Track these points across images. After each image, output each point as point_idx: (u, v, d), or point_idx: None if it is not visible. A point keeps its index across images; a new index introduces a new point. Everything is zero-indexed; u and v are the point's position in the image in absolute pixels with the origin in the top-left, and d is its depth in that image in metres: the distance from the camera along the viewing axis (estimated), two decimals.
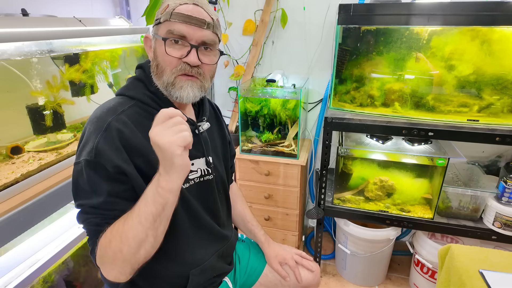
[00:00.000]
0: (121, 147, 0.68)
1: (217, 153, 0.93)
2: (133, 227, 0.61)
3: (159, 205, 0.61)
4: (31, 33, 1.03)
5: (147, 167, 0.71)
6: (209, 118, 0.92)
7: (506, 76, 1.25)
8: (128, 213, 0.65)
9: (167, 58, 0.72)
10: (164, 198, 0.61)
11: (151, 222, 0.61)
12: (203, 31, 0.72)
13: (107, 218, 0.67)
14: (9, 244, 0.99)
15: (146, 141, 0.70)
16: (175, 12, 0.70)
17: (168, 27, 0.71)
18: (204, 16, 0.72)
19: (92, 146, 0.66)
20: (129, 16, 1.89)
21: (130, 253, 0.62)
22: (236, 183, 1.15)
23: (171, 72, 0.73)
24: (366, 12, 1.31)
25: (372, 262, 1.66)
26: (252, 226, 1.07)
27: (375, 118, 1.39)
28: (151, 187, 0.63)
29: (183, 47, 0.72)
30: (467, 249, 0.97)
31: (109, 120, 0.69)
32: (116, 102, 0.75)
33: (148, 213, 0.61)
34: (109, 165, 0.66)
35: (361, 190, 1.58)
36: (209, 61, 0.76)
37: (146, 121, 0.73)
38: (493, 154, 1.68)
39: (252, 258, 1.04)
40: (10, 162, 1.04)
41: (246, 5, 1.82)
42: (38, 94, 1.10)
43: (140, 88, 0.78)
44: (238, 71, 1.89)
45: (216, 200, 0.90)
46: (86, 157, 0.66)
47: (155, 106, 0.76)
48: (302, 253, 1.06)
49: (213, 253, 0.89)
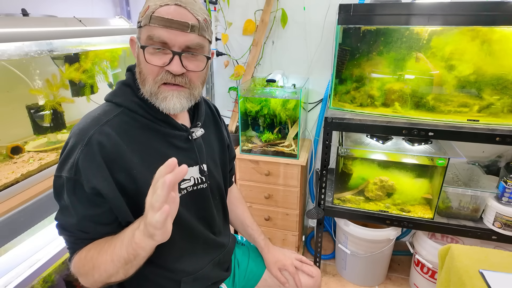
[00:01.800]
0: (102, 163, 0.65)
1: (214, 158, 0.89)
2: (105, 262, 0.62)
3: (131, 254, 0.60)
4: (31, 33, 1.03)
5: (129, 182, 0.68)
6: (206, 122, 0.88)
7: (506, 76, 1.25)
8: (105, 243, 0.65)
9: (148, 66, 0.67)
10: (136, 251, 0.59)
11: (123, 264, 0.61)
12: (186, 35, 0.65)
13: (82, 238, 0.68)
14: (9, 244, 0.99)
15: (131, 153, 0.68)
16: (154, 15, 0.64)
17: (148, 32, 0.65)
18: (187, 19, 0.65)
19: (72, 162, 0.64)
20: (129, 16, 1.89)
21: (101, 279, 0.65)
22: (236, 184, 1.13)
23: (154, 81, 0.68)
24: (366, 12, 1.31)
25: (372, 262, 1.66)
26: (252, 230, 1.05)
27: (375, 118, 1.39)
28: (129, 233, 0.61)
29: (165, 54, 0.66)
30: (467, 249, 0.97)
31: (91, 133, 0.65)
32: (102, 110, 0.71)
33: (120, 256, 0.61)
34: (87, 185, 0.63)
35: (361, 190, 1.58)
36: (195, 67, 0.69)
37: (133, 130, 0.71)
38: (493, 154, 1.68)
39: (251, 262, 1.02)
40: (12, 162, 1.04)
41: (246, 5, 1.82)
42: (37, 92, 1.10)
43: (127, 94, 0.73)
44: (238, 71, 1.89)
45: (211, 209, 0.86)
46: (67, 174, 0.64)
47: (143, 113, 0.72)
48: (303, 258, 1.03)
49: (208, 262, 0.86)
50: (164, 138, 0.75)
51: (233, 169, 1.08)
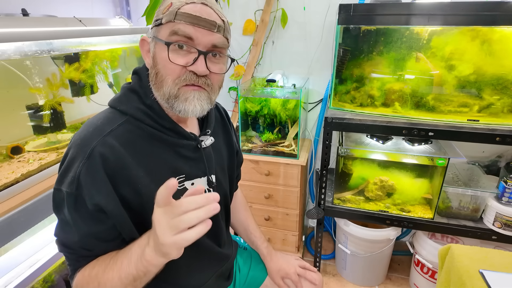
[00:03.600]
0: (105, 178, 0.61)
1: (223, 166, 0.85)
2: (112, 280, 0.60)
3: (140, 271, 0.58)
4: (31, 33, 1.03)
5: (134, 197, 0.65)
6: (215, 128, 0.84)
7: (506, 76, 1.25)
8: (110, 260, 0.63)
9: (169, 66, 0.62)
10: (147, 268, 0.57)
11: (131, 281, 0.59)
12: (213, 34, 0.63)
13: (85, 256, 0.65)
14: (9, 244, 0.99)
15: (136, 165, 0.65)
16: (180, 11, 0.61)
17: (172, 28, 0.61)
18: (214, 18, 0.63)
19: (73, 176, 0.60)
20: (129, 16, 1.89)
21: None
22: (239, 187, 1.12)
23: (174, 83, 0.63)
24: (366, 12, 1.31)
25: (372, 262, 1.66)
26: (255, 238, 1.01)
27: (375, 118, 1.39)
28: (138, 249, 0.59)
29: (189, 53, 0.63)
30: (467, 249, 0.97)
31: (93, 144, 0.61)
32: (105, 118, 0.66)
33: (128, 274, 0.58)
34: (90, 201, 0.60)
35: (361, 190, 1.58)
36: (218, 70, 0.67)
37: (138, 140, 0.66)
38: (493, 154, 1.68)
39: (253, 268, 1.01)
40: (16, 161, 1.04)
41: (246, 5, 1.82)
42: (37, 91, 1.10)
43: (133, 101, 0.68)
44: (238, 71, 1.89)
45: (218, 221, 0.82)
46: (68, 189, 0.60)
47: (149, 122, 0.67)
48: (306, 264, 1.01)
49: (212, 275, 0.84)
50: (171, 148, 0.71)
51: (239, 175, 1.05)
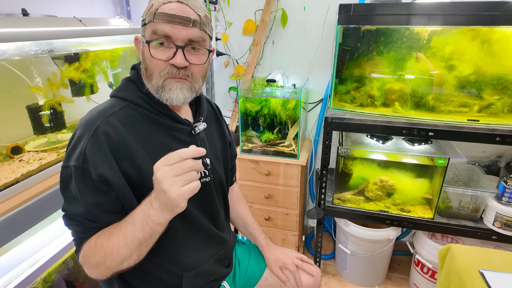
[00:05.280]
0: (109, 152, 0.67)
1: (217, 154, 0.91)
2: (118, 246, 0.63)
3: (146, 233, 0.62)
4: (31, 33, 1.03)
5: (135, 172, 0.70)
6: (208, 119, 0.91)
7: (506, 76, 1.25)
8: (114, 229, 0.66)
9: (153, 61, 0.70)
10: (153, 229, 0.62)
11: (137, 245, 0.63)
12: (188, 29, 0.69)
13: (90, 227, 0.69)
14: (9, 244, 0.99)
15: (136, 143, 0.71)
16: (158, 12, 0.68)
17: (152, 27, 0.69)
18: (189, 14, 0.69)
19: (80, 151, 0.66)
20: (129, 16, 1.89)
21: (113, 266, 0.66)
22: (237, 183, 1.14)
23: (159, 76, 0.71)
24: (366, 12, 1.31)
25: (372, 262, 1.66)
26: (253, 229, 1.06)
27: (375, 118, 1.39)
28: (140, 214, 0.63)
29: (169, 48, 0.70)
30: (467, 249, 0.97)
31: (97, 123, 0.68)
32: (108, 104, 0.74)
33: (134, 238, 0.63)
34: (94, 173, 0.66)
35: (361, 190, 1.58)
36: (197, 61, 0.73)
37: (137, 123, 0.74)
38: (493, 154, 1.68)
39: (252, 261, 1.03)
40: (17, 160, 1.04)
41: (246, 5, 1.82)
42: (37, 90, 1.10)
43: (132, 89, 0.76)
44: (238, 71, 1.89)
45: (214, 203, 0.88)
46: (75, 163, 0.66)
47: (147, 107, 0.75)
48: (303, 257, 1.05)
49: (210, 257, 0.88)
50: (168, 131, 0.78)
51: (234, 167, 1.11)
